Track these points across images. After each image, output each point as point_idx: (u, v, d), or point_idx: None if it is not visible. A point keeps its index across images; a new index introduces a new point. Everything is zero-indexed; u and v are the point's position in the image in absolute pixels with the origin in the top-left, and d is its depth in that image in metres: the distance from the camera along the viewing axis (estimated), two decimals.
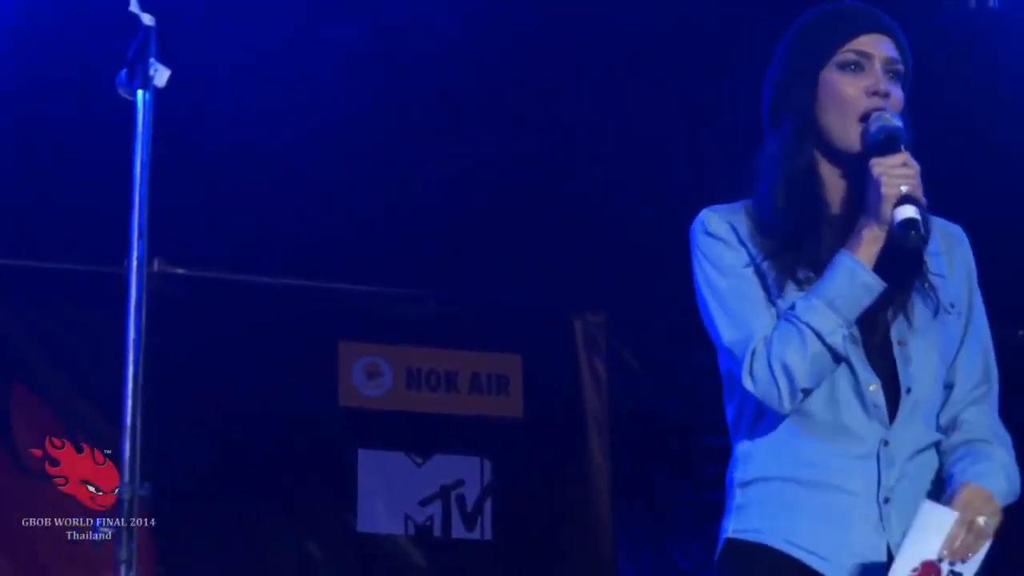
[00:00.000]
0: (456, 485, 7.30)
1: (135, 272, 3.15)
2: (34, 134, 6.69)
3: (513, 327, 7.67)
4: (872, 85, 2.93)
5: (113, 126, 3.48)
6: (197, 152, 5.60)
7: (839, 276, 2.87)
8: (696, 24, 7.36)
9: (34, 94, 6.59)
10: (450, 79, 7.37)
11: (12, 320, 7.04)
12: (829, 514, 2.95)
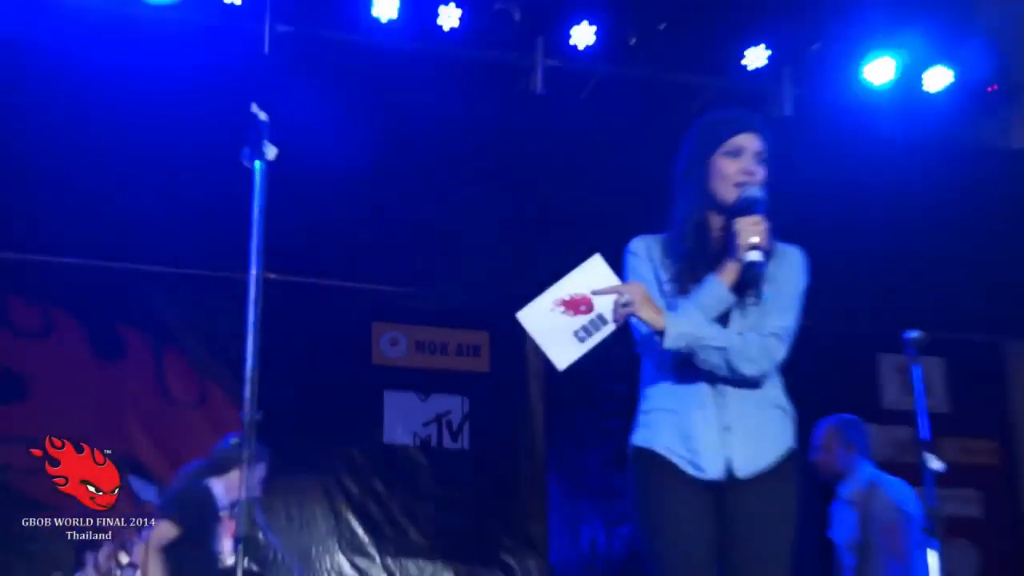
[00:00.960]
0: (446, 414, 9.17)
1: (254, 277, 4.22)
2: (188, 185, 8.17)
3: (483, 315, 9.29)
4: (744, 167, 3.70)
5: (238, 181, 4.40)
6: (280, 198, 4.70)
7: (706, 290, 3.66)
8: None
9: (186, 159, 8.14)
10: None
11: (165, 308, 8.75)
12: (687, 432, 3.70)
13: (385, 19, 8.94)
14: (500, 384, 9.25)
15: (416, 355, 9.20)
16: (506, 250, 9.12)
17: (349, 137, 8.36)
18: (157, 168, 8.36)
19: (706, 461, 3.61)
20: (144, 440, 8.45)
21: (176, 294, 8.78)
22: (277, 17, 9.03)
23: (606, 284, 3.63)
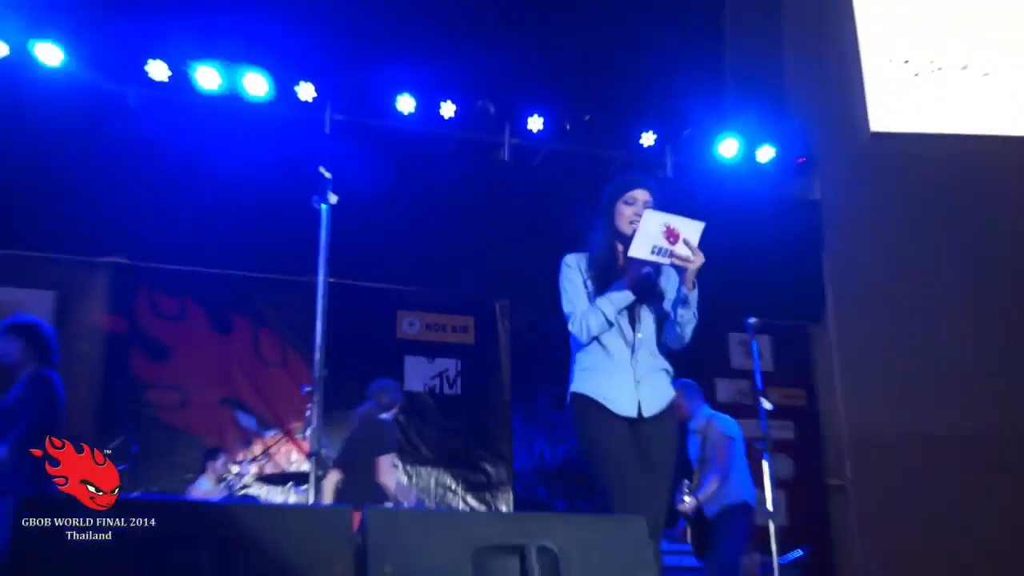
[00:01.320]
0: (445, 371, 9.15)
1: (322, 280, 4.55)
2: (276, 219, 8.12)
3: (470, 306, 9.40)
4: (637, 211, 3.70)
5: (310, 217, 4.75)
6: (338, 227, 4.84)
7: (615, 290, 3.70)
8: None
9: (275, 202, 8.05)
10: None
11: (260, 299, 8.76)
12: (611, 385, 3.75)
13: (406, 112, 9.16)
14: (481, 351, 9.31)
15: (425, 332, 9.26)
16: (484, 264, 9.27)
17: (382, 187, 8.59)
18: (256, 208, 8.46)
19: (624, 404, 3.76)
20: (246, 388, 8.56)
21: (267, 290, 8.82)
22: (335, 109, 9.17)
23: (694, 242, 3.63)
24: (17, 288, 8.10)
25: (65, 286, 8.30)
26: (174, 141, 8.59)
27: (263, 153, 8.59)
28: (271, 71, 8.85)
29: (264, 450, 8.36)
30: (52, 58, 8.28)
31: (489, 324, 9.35)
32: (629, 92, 10.05)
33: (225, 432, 8.34)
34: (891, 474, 8.85)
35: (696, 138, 10.05)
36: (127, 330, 8.41)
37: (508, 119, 9.64)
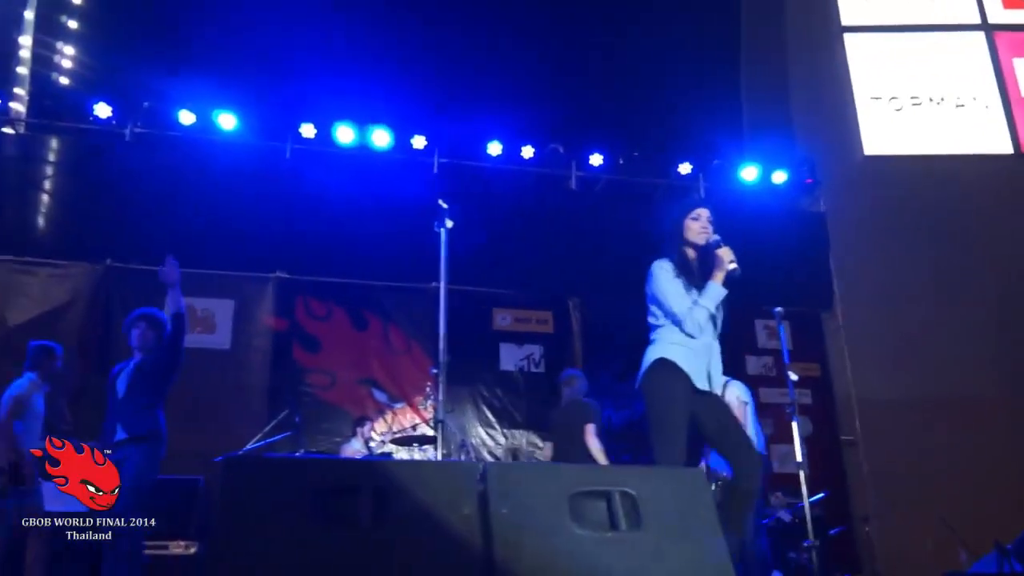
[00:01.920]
0: (531, 354, 8.98)
1: (443, 287, 4.67)
2: (406, 241, 7.90)
3: (549, 303, 9.14)
4: (702, 224, 3.74)
5: (432, 239, 4.82)
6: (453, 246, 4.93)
7: (711, 289, 3.61)
8: None
9: (403, 227, 7.96)
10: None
11: (390, 302, 8.67)
12: (692, 360, 3.62)
13: (494, 154, 9.21)
14: (558, 338, 9.12)
15: (514, 324, 9.11)
16: (559, 270, 9.17)
17: (480, 214, 8.46)
18: (382, 232, 8.50)
19: (699, 378, 3.64)
20: (379, 371, 8.54)
21: (393, 295, 8.76)
22: (440, 154, 9.23)
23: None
24: (209, 298, 8.27)
25: (243, 296, 8.42)
26: (320, 183, 8.73)
27: (387, 189, 8.71)
28: (392, 126, 9.00)
29: (394, 418, 8.36)
30: (228, 123, 8.56)
31: (564, 317, 9.18)
32: (669, 132, 9.97)
33: (365, 405, 8.38)
34: (892, 430, 8.81)
35: (723, 167, 9.92)
36: (288, 328, 8.47)
37: (574, 157, 9.63)
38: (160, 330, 4.98)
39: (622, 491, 2.67)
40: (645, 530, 2.59)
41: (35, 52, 9.38)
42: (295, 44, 9.04)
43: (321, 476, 2.51)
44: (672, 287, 3.68)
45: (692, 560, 2.57)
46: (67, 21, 9.60)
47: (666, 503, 2.68)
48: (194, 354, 7.73)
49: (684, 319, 3.61)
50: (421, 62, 9.54)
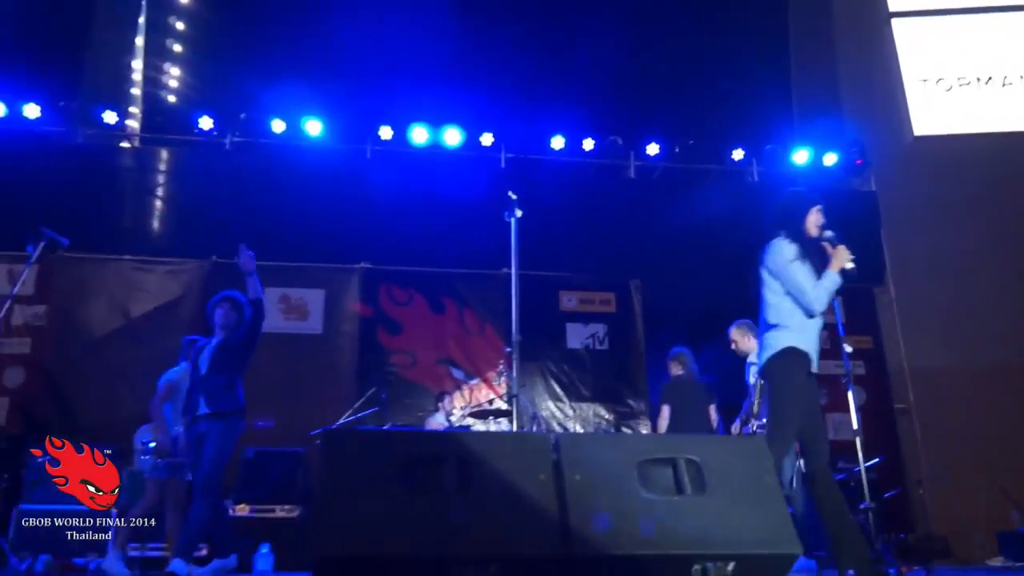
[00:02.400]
0: (596, 332, 8.86)
1: (515, 272, 4.55)
2: (478, 230, 7.60)
3: (612, 285, 8.98)
4: (819, 220, 3.64)
5: (503, 228, 4.67)
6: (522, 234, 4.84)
7: (832, 276, 3.49)
8: None
9: (474, 217, 7.76)
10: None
11: (464, 287, 8.68)
12: (811, 345, 3.50)
13: (557, 147, 9.18)
14: (621, 318, 8.98)
15: (580, 305, 8.98)
16: (620, 254, 9.06)
17: (545, 203, 8.16)
18: (456, 223, 8.49)
19: (815, 362, 3.54)
20: (456, 351, 8.61)
21: (468, 281, 8.79)
22: (507, 150, 9.24)
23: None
24: (302, 289, 8.44)
25: (332, 285, 8.55)
26: (398, 181, 8.83)
27: (458, 184, 8.67)
28: (462, 126, 9.02)
29: (471, 394, 8.40)
30: (315, 129, 8.74)
31: (626, 298, 9.05)
32: (722, 120, 9.75)
33: (444, 382, 8.46)
34: (943, 397, 8.60)
35: (775, 151, 9.65)
36: (373, 314, 8.57)
37: (632, 147, 9.52)
38: (241, 311, 4.94)
39: (687, 458, 2.65)
40: (710, 494, 2.58)
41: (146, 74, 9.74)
42: (371, 53, 9.13)
43: (409, 447, 2.56)
44: (800, 267, 3.54)
45: (756, 523, 2.53)
46: (172, 45, 9.93)
47: (730, 469, 2.65)
48: (290, 339, 8.17)
49: (813, 299, 3.48)
50: (487, 65, 9.55)
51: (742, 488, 2.60)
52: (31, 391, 7.58)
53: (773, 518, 2.55)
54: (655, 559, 2.45)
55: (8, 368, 7.59)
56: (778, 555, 2.49)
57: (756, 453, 2.69)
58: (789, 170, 9.61)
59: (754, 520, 2.53)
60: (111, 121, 8.63)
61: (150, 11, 10.46)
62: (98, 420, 7.29)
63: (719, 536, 2.48)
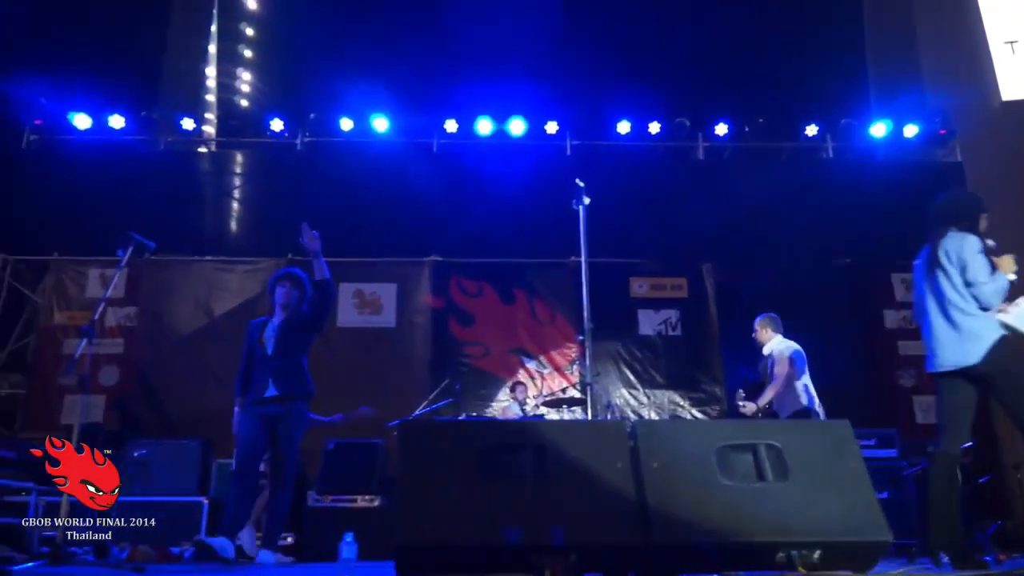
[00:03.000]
0: (668, 318, 8.69)
1: (584, 260, 4.57)
2: (543, 219, 7.89)
3: (684, 270, 8.75)
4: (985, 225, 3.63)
5: (570, 216, 4.73)
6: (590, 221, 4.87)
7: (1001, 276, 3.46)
8: None
9: (541, 205, 7.93)
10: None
11: (537, 277, 8.62)
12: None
13: (623, 132, 9.06)
14: (693, 303, 8.80)
15: (651, 291, 8.83)
16: (692, 237, 8.88)
17: (612, 190, 8.14)
18: (524, 212, 8.52)
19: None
20: (527, 340, 8.62)
21: (537, 270, 8.79)
22: (572, 137, 9.18)
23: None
24: (375, 283, 8.60)
25: (403, 279, 8.67)
26: (465, 173, 8.93)
27: (525, 174, 8.72)
28: (526, 116, 8.99)
29: (544, 383, 8.41)
30: (382, 126, 8.88)
31: (698, 282, 8.86)
32: (793, 95, 9.43)
33: (516, 372, 8.50)
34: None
35: (850, 125, 9.29)
36: (444, 306, 8.66)
37: (700, 128, 9.32)
38: (302, 289, 4.78)
39: (768, 444, 2.61)
40: (792, 480, 2.53)
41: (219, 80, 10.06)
42: (433, 47, 9.19)
43: (485, 437, 2.59)
44: (983, 260, 3.53)
45: (841, 509, 2.46)
46: (243, 50, 10.22)
47: (813, 455, 2.59)
48: (365, 333, 8.37)
49: (991, 292, 3.45)
50: (549, 53, 9.45)
51: (826, 473, 2.53)
52: (125, 388, 7.97)
53: (860, 504, 2.48)
54: (737, 547, 2.41)
55: (104, 367, 7.98)
56: (867, 542, 2.41)
57: (839, 437, 2.61)
58: (866, 144, 9.28)
59: (840, 506, 2.46)
60: (189, 127, 8.94)
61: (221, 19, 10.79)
62: (186, 414, 7.61)
63: (803, 523, 2.42)
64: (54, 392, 7.85)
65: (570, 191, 4.75)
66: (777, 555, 2.38)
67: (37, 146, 8.76)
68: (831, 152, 9.25)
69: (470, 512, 2.38)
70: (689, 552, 2.40)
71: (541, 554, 2.35)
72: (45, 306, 8.26)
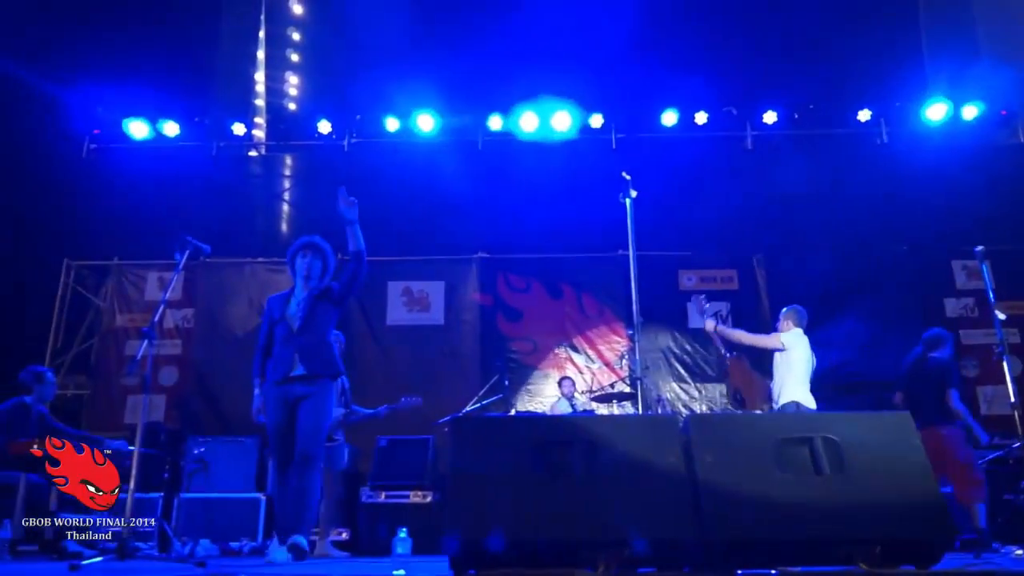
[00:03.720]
0: (719, 311, 8.30)
1: (632, 254, 4.54)
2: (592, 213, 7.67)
3: (734, 262, 8.63)
4: None
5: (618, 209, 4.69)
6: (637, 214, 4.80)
7: None
8: None
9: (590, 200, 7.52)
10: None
11: (580, 272, 8.63)
12: None
13: (669, 124, 8.99)
14: (744, 294, 8.67)
15: (701, 283, 8.64)
16: (741, 228, 8.76)
17: (659, 182, 7.98)
18: (574, 209, 8.35)
19: None
20: (574, 334, 8.58)
21: (584, 265, 8.74)
22: (617, 130, 9.13)
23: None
24: (423, 281, 8.70)
25: (451, 277, 8.75)
26: (510, 169, 8.93)
27: (570, 168, 8.72)
28: (571, 109, 8.95)
29: (593, 378, 8.35)
30: (427, 125, 8.95)
31: (749, 274, 8.71)
32: (844, 80, 9.12)
33: (565, 367, 8.49)
34: None
35: (905, 108, 9.04)
36: (492, 302, 8.70)
37: (748, 118, 9.17)
38: (325, 259, 4.43)
39: (824, 437, 2.54)
40: (851, 474, 2.47)
41: (268, 85, 10.25)
42: (475, 44, 9.15)
43: (535, 432, 2.58)
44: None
45: (902, 503, 2.39)
46: (291, 55, 10.38)
47: (872, 448, 2.52)
48: (414, 331, 8.47)
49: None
50: (593, 44, 9.34)
51: (886, 467, 2.46)
52: (184, 388, 8.22)
53: (922, 498, 2.41)
54: (795, 542, 2.37)
55: (163, 367, 8.22)
56: (929, 537, 2.34)
57: (900, 429, 2.53)
58: (923, 128, 8.97)
59: (900, 500, 2.39)
60: (239, 132, 9.14)
61: (269, 24, 11.01)
62: (243, 413, 7.58)
63: (863, 517, 2.37)
64: (117, 392, 8.15)
65: (616, 184, 4.71)
66: (837, 552, 2.33)
67: (96, 154, 9.09)
68: (886, 137, 8.99)
69: (523, 506, 2.38)
70: (744, 547, 2.36)
71: (594, 548, 2.34)
72: (107, 309, 8.56)
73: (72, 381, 8.25)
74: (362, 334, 8.45)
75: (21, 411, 4.86)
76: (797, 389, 5.41)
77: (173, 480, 6.02)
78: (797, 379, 5.46)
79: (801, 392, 5.38)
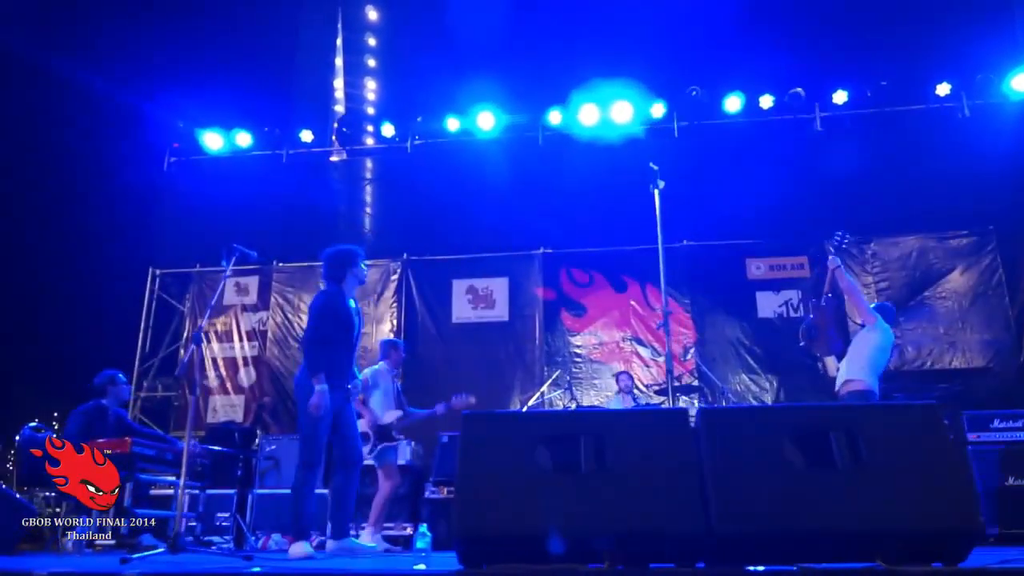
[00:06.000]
0: (789, 300, 8.26)
1: (660, 245, 4.73)
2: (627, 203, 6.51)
3: (805, 248, 8.38)
4: None
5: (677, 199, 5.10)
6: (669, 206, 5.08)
7: None
8: None
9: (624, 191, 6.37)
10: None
11: (641, 264, 8.38)
12: None
13: (733, 110, 8.77)
14: (817, 281, 8.15)
15: (768, 272, 8.51)
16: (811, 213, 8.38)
17: (724, 169, 8.36)
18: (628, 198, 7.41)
19: None
20: (641, 328, 8.54)
21: (646, 256, 8.08)
22: (679, 118, 8.92)
23: None
24: (488, 278, 8.83)
25: (515, 272, 8.84)
26: (571, 163, 8.77)
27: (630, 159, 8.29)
28: (631, 99, 8.82)
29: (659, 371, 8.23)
30: (487, 123, 9.06)
31: (820, 259, 8.21)
32: (920, 54, 8.67)
33: (630, 361, 8.44)
34: None
35: (988, 80, 8.49)
36: (556, 297, 8.73)
37: (816, 98, 8.84)
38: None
39: (841, 429, 2.46)
40: (870, 468, 2.38)
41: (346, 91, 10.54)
42: (529, 40, 9.16)
43: (544, 427, 2.59)
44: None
45: (924, 498, 2.29)
46: (367, 60, 10.63)
47: (892, 440, 2.42)
48: (479, 327, 8.60)
49: None
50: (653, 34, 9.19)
51: (908, 459, 2.36)
52: (261, 388, 8.60)
53: (947, 491, 2.30)
54: (811, 537, 2.31)
55: (242, 369, 8.62)
56: (954, 532, 2.24)
57: (924, 421, 2.42)
58: (1008, 100, 8.43)
59: (923, 494, 2.29)
60: (307, 140, 9.43)
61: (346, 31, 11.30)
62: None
63: (882, 512, 2.28)
64: (201, 394, 8.53)
65: (678, 175, 4.95)
66: (853, 547, 2.25)
67: (176, 167, 9.54)
68: (968, 111, 8.49)
69: (532, 501, 2.39)
70: (758, 542, 2.31)
71: (603, 543, 2.33)
72: (190, 314, 9.00)
73: (160, 383, 8.74)
74: (428, 333, 8.65)
75: (99, 413, 5.20)
76: (865, 371, 5.26)
77: (246, 477, 6.26)
78: (868, 362, 5.30)
79: (868, 376, 5.22)
